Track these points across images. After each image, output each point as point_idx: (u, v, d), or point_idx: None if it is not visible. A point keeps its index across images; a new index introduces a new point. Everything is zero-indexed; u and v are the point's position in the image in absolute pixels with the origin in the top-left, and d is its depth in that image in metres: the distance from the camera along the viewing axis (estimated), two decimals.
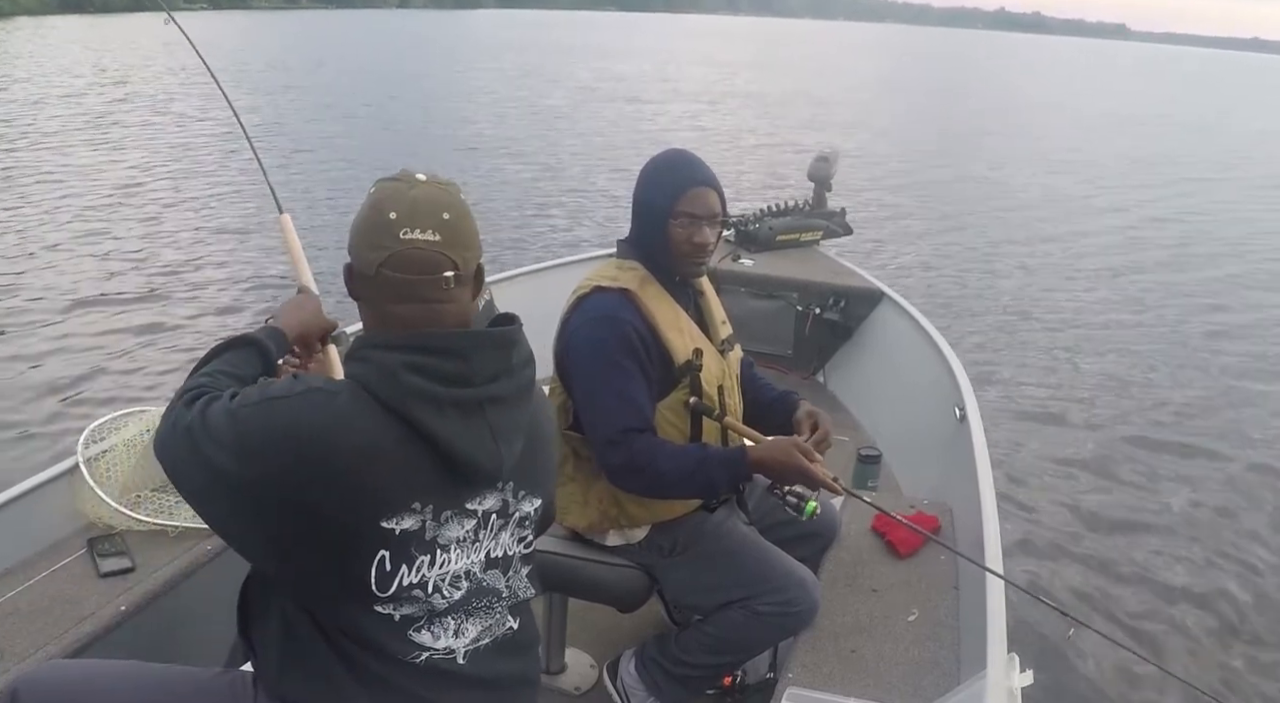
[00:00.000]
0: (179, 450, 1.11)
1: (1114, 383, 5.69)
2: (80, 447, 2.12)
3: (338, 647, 1.13)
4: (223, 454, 1.06)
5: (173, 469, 1.12)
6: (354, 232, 1.16)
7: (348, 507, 1.07)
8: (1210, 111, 27.40)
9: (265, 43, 33.59)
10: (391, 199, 1.13)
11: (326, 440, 1.06)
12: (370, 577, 1.10)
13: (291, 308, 1.46)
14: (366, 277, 1.14)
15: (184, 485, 1.12)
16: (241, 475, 1.06)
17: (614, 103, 19.59)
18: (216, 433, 1.08)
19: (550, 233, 8.53)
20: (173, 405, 1.16)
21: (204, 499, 1.11)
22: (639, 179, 1.85)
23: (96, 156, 11.08)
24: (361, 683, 1.13)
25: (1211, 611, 3.43)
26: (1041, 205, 11.32)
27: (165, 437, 1.13)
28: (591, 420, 1.78)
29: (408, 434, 1.09)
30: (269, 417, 1.08)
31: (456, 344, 1.12)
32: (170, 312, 6.01)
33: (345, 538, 1.09)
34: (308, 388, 1.10)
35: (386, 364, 1.09)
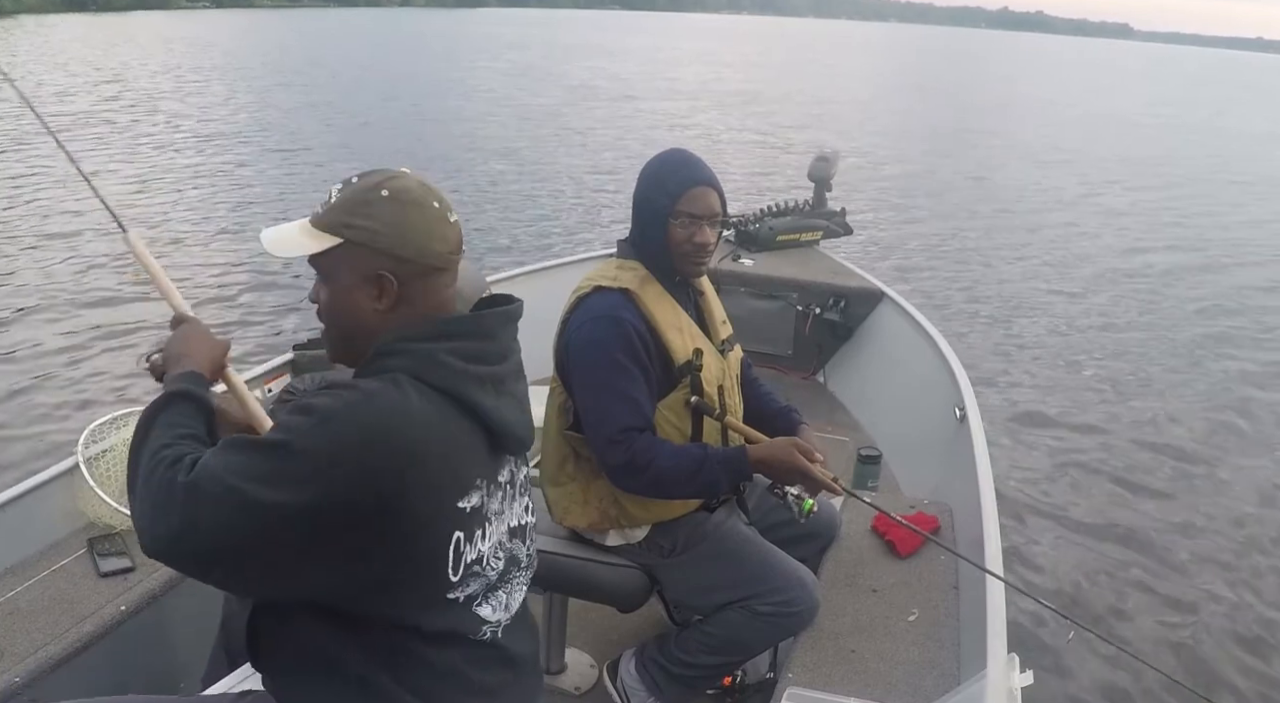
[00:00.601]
0: (217, 515, 1.00)
1: (1114, 383, 5.69)
2: (80, 447, 2.12)
3: (384, 663, 1.12)
4: (291, 490, 1.00)
5: (205, 540, 1.01)
6: (404, 230, 1.12)
7: (433, 495, 1.09)
8: (1211, 112, 27.35)
9: (265, 42, 33.56)
10: (419, 189, 1.16)
11: (407, 434, 1.06)
12: (448, 560, 1.12)
13: (184, 341, 1.30)
14: (432, 269, 1.15)
15: (227, 549, 1.02)
16: (322, 502, 1.01)
17: (613, 102, 19.58)
18: (277, 472, 1.01)
19: (549, 232, 8.52)
20: (159, 485, 1.04)
21: (256, 553, 1.02)
22: (639, 179, 1.85)
23: (104, 152, 11.08)
24: (405, 688, 1.13)
25: (1212, 611, 3.43)
26: (1042, 206, 11.32)
27: (184, 511, 1.01)
28: (592, 420, 1.78)
29: (461, 414, 1.12)
30: (341, 430, 1.03)
31: (484, 325, 1.18)
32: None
33: (429, 527, 1.10)
34: (359, 392, 1.07)
35: (430, 353, 1.11)
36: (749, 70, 32.24)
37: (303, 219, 1.19)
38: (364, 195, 1.14)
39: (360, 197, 1.14)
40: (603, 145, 13.76)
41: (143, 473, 1.09)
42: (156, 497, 1.04)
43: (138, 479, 1.09)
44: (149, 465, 1.08)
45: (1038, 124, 20.79)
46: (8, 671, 1.64)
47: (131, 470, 1.12)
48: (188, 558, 1.05)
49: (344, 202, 1.15)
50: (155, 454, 1.09)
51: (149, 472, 1.08)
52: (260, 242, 1.18)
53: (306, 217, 1.19)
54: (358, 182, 1.16)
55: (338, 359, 1.24)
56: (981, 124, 20.10)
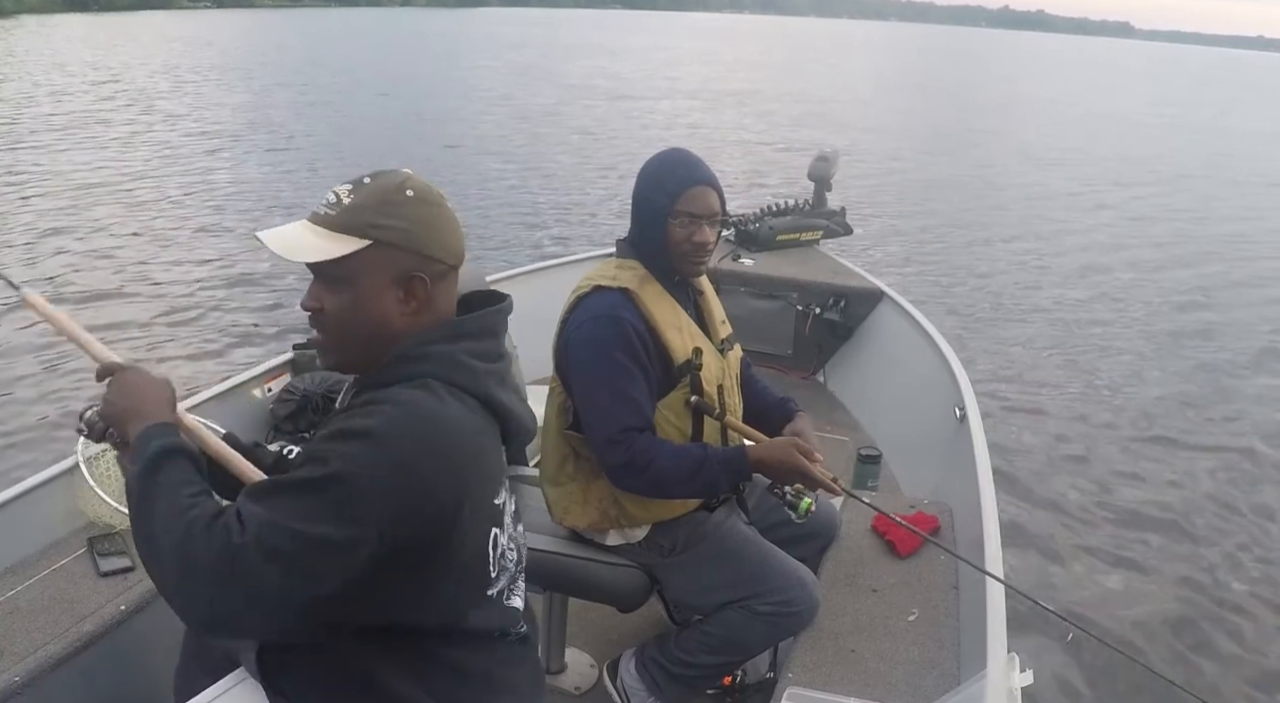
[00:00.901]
0: (292, 569, 0.96)
1: (1115, 382, 5.69)
2: (80, 447, 2.12)
3: (414, 673, 1.13)
4: (364, 522, 0.97)
5: (279, 600, 0.97)
6: (431, 230, 1.12)
7: (481, 496, 1.11)
8: (1214, 112, 27.32)
9: (265, 41, 33.54)
10: (433, 189, 1.16)
11: (457, 441, 1.06)
12: (489, 557, 1.14)
13: (129, 392, 1.17)
14: (453, 269, 1.15)
15: (304, 602, 0.97)
16: (397, 525, 0.99)
17: (612, 101, 19.57)
18: (344, 506, 0.97)
19: (548, 232, 8.52)
20: (205, 552, 0.96)
21: (334, 596, 0.99)
22: (638, 178, 1.85)
23: (94, 155, 11.08)
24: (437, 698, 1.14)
25: (1211, 612, 3.42)
26: (1043, 205, 11.31)
27: (249, 574, 0.95)
28: (591, 420, 1.78)
29: (484, 413, 1.13)
30: (397, 449, 1.00)
31: (489, 323, 1.19)
32: (169, 311, 6.00)
33: (477, 528, 1.11)
34: (400, 406, 1.04)
35: (452, 355, 1.12)
36: (749, 69, 32.21)
37: (302, 221, 1.13)
38: (389, 195, 1.11)
39: (386, 197, 1.11)
40: (602, 145, 13.76)
41: (173, 542, 0.99)
42: (204, 565, 0.96)
43: (161, 548, 1.00)
44: (179, 535, 0.99)
45: (1038, 123, 20.77)
46: (8, 670, 1.63)
47: (149, 545, 1.02)
48: (257, 625, 1.00)
49: (367, 202, 1.11)
50: (180, 519, 1.00)
51: (182, 541, 0.98)
52: (264, 244, 1.11)
53: (303, 218, 1.14)
54: (373, 182, 1.12)
55: (344, 368, 1.19)
56: (981, 124, 20.09)
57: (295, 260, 1.10)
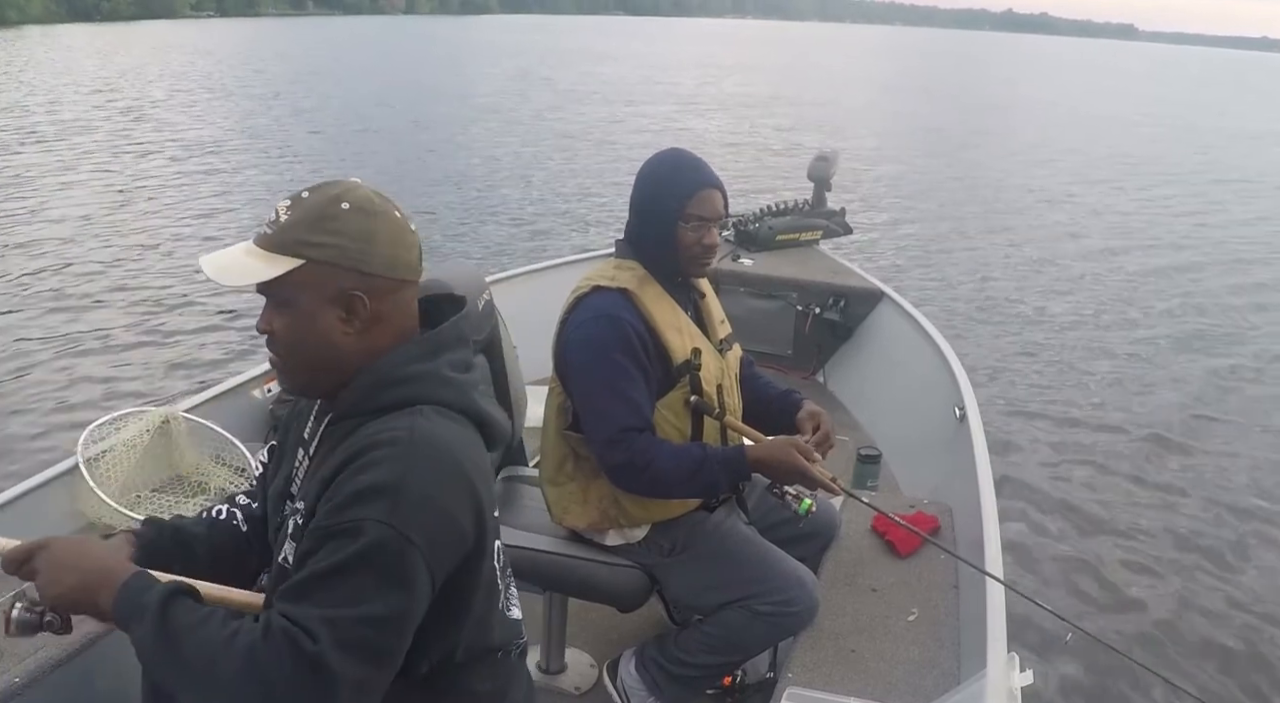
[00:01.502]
0: (367, 659, 0.94)
1: (1115, 382, 5.69)
2: (80, 447, 2.12)
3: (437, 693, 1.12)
4: (417, 583, 0.97)
5: (359, 690, 0.94)
6: (373, 244, 1.05)
7: (488, 512, 1.10)
8: (1218, 114, 27.31)
9: (264, 50, 33.59)
10: (378, 199, 1.09)
11: (463, 467, 1.05)
12: (496, 568, 1.14)
13: (73, 560, 1.05)
14: (403, 283, 1.08)
15: (381, 680, 0.97)
16: (446, 570, 1.01)
17: (612, 106, 19.60)
18: (393, 573, 0.95)
19: (548, 233, 8.52)
20: (268, 674, 0.92)
21: (399, 659, 0.99)
22: (641, 180, 1.85)
23: (101, 157, 11.10)
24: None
25: (1211, 612, 3.42)
26: (1043, 206, 11.32)
27: (329, 681, 0.91)
28: (591, 420, 1.78)
29: (471, 427, 1.11)
30: (419, 498, 0.98)
31: (460, 332, 1.15)
32: (169, 311, 6.01)
33: (489, 543, 1.11)
34: (400, 447, 1.00)
35: (436, 373, 1.08)
36: (751, 73, 32.24)
37: (245, 242, 1.08)
38: (324, 210, 1.05)
39: (320, 211, 1.05)
40: (602, 146, 13.78)
41: (236, 675, 0.93)
42: (286, 686, 0.92)
43: (229, 688, 0.94)
44: (240, 664, 0.93)
45: (1040, 126, 20.78)
46: (8, 671, 1.63)
47: (206, 690, 0.95)
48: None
49: (302, 219, 1.05)
50: (230, 650, 0.94)
51: (247, 669, 0.93)
52: (202, 269, 1.06)
53: (249, 239, 1.09)
54: (310, 196, 1.06)
55: (299, 391, 1.15)
56: (983, 125, 20.10)
57: (225, 284, 1.05)
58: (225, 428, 2.37)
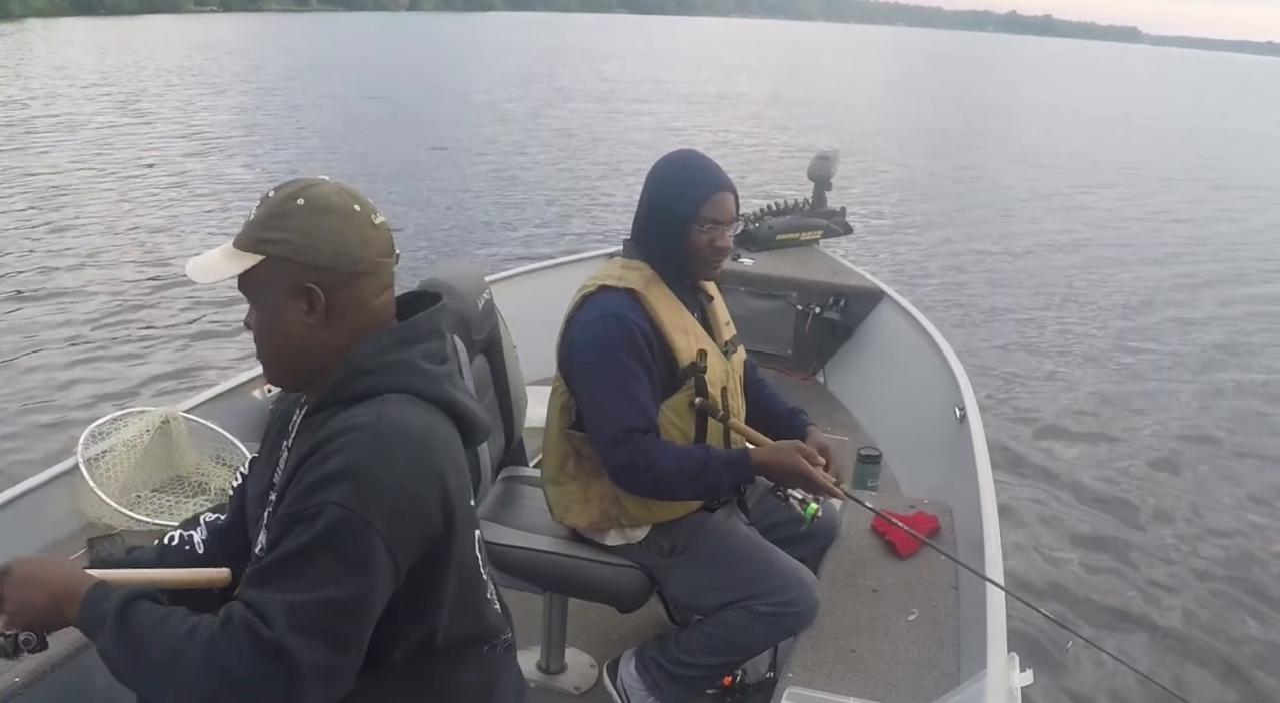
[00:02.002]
0: (330, 641, 0.95)
1: (1115, 383, 5.69)
2: (80, 446, 2.12)
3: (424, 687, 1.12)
4: (379, 565, 0.97)
5: (323, 673, 0.95)
6: (323, 238, 1.07)
7: (463, 500, 1.10)
8: (1223, 118, 27.26)
9: (266, 46, 33.58)
10: (338, 195, 1.10)
11: (432, 452, 1.06)
12: (477, 559, 1.14)
13: (33, 579, 1.06)
14: (358, 275, 1.09)
15: (346, 664, 0.97)
16: (409, 552, 1.01)
17: (614, 104, 19.59)
18: (353, 556, 0.96)
19: (548, 233, 8.52)
20: (230, 664, 0.94)
21: (364, 644, 0.99)
22: (653, 182, 1.84)
23: (100, 153, 11.10)
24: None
25: (1210, 615, 3.41)
26: (1042, 206, 11.31)
27: (291, 665, 0.92)
28: (595, 420, 1.78)
29: (445, 417, 1.12)
30: (382, 480, 0.99)
31: (435, 324, 1.16)
32: (170, 311, 6.01)
33: (466, 533, 1.11)
34: (366, 431, 1.02)
35: (408, 362, 1.10)
36: (754, 74, 32.23)
37: (222, 246, 1.12)
38: (279, 208, 1.09)
39: (276, 209, 1.09)
40: (604, 146, 13.78)
41: (196, 668, 0.95)
42: (245, 673, 0.93)
43: (190, 681, 0.95)
44: (200, 657, 0.95)
45: (1042, 127, 20.78)
46: (8, 671, 1.63)
47: (168, 685, 0.97)
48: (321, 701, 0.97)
49: (261, 217, 1.09)
50: (189, 643, 0.96)
51: (206, 661, 0.94)
52: (187, 275, 1.11)
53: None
54: (274, 194, 1.11)
55: (279, 384, 1.19)
56: (984, 126, 20.10)
57: (201, 283, 1.10)
58: (225, 428, 2.37)
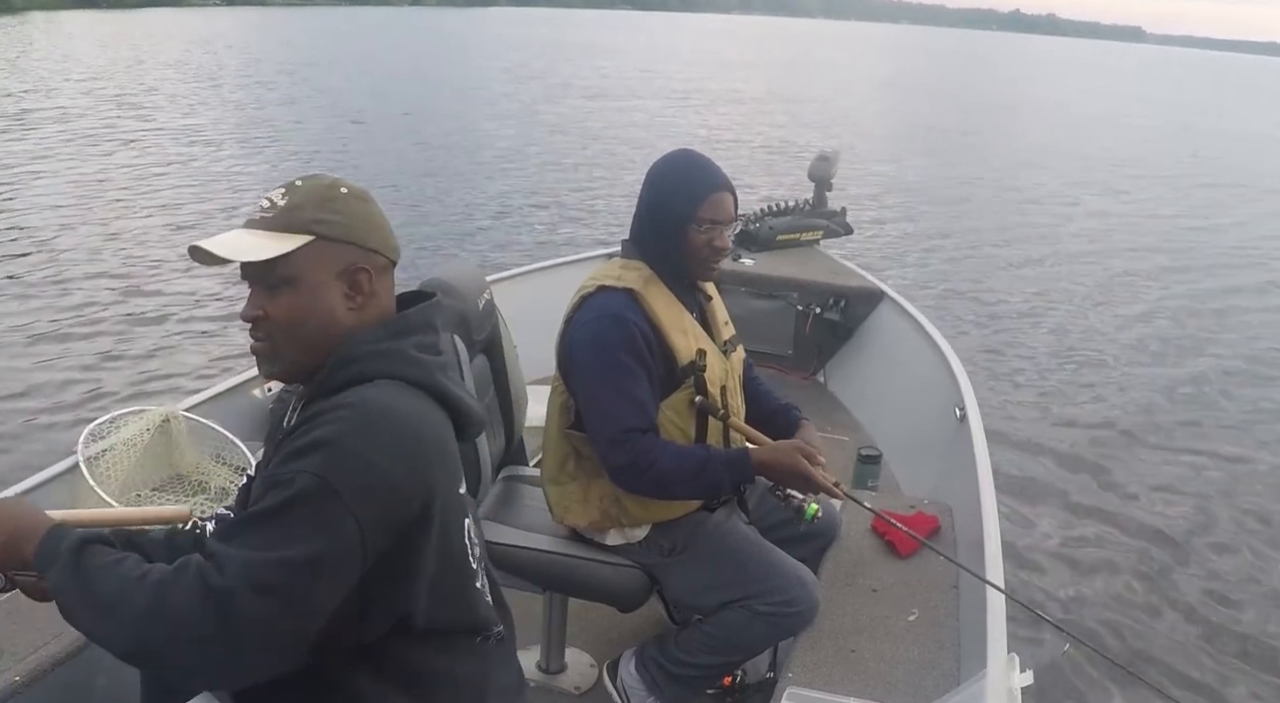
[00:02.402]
0: (284, 601, 0.94)
1: (1116, 382, 5.68)
2: (80, 446, 2.12)
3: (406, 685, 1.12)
4: (342, 532, 0.96)
5: (275, 635, 0.95)
6: (369, 224, 1.14)
7: (450, 486, 1.11)
8: (1230, 117, 27.23)
9: (266, 40, 33.53)
10: (363, 189, 1.17)
11: (418, 434, 1.06)
12: (467, 548, 1.14)
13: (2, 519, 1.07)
14: (392, 266, 1.17)
15: (300, 629, 0.96)
16: (375, 527, 0.99)
17: (615, 101, 19.57)
18: (319, 520, 0.96)
19: (549, 232, 8.52)
20: (177, 608, 0.93)
21: (324, 615, 0.97)
22: (651, 181, 1.84)
23: (96, 155, 11.09)
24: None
25: (1209, 615, 3.41)
26: (1042, 206, 11.31)
27: (237, 618, 0.92)
28: (595, 420, 1.78)
29: (436, 406, 1.13)
30: (360, 452, 0.99)
31: (428, 318, 1.18)
32: (170, 311, 6.01)
33: (453, 519, 1.12)
34: (352, 409, 1.02)
35: (400, 351, 1.12)
36: (754, 70, 32.20)
37: (239, 229, 1.12)
38: (326, 193, 1.12)
39: (323, 194, 1.12)
40: (605, 144, 13.76)
41: (143, 612, 0.94)
42: (190, 619, 0.93)
43: (135, 625, 0.95)
44: (147, 600, 0.94)
45: (1044, 127, 20.78)
46: (8, 670, 1.63)
47: (110, 627, 0.97)
48: (264, 666, 0.97)
49: (306, 200, 1.11)
50: (140, 586, 0.96)
51: (154, 604, 0.94)
52: (209, 251, 1.09)
53: (239, 227, 1.12)
54: (305, 183, 1.14)
55: (285, 376, 1.17)
56: (986, 126, 20.09)
57: (239, 260, 1.09)
58: (225, 427, 2.37)
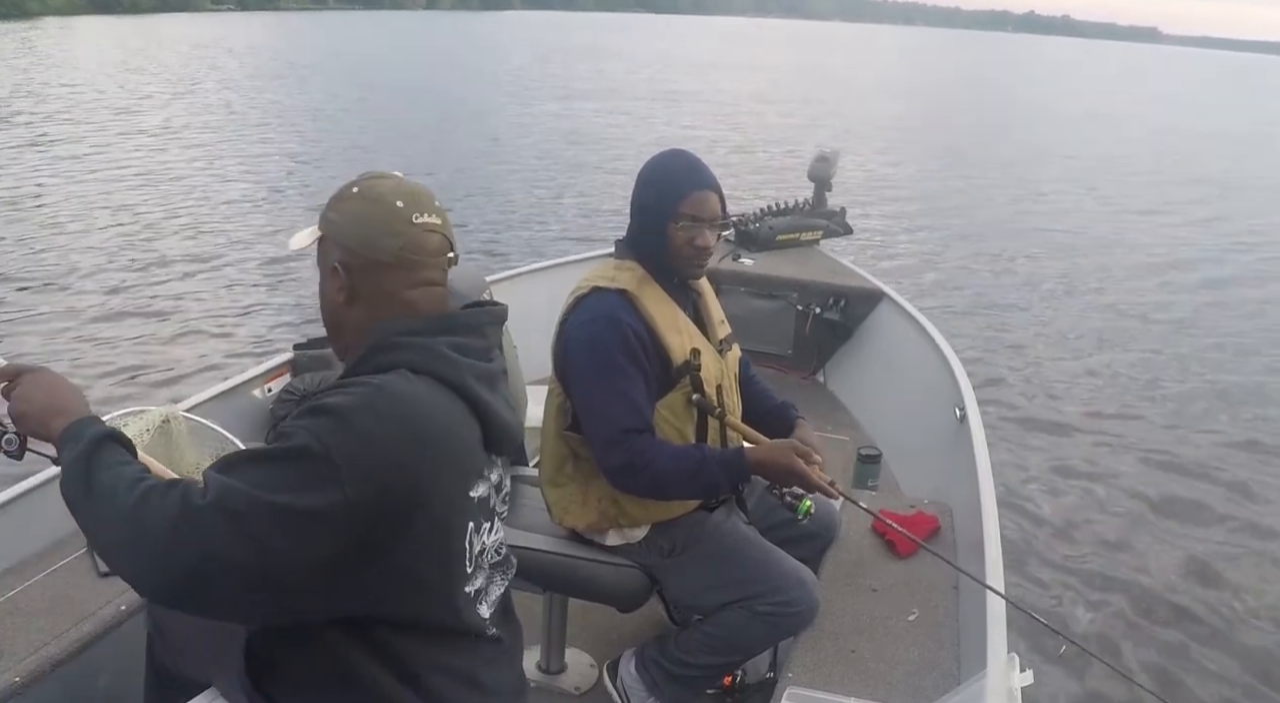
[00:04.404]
0: (248, 533, 0.96)
1: (1115, 383, 5.68)
2: None
3: (397, 661, 1.12)
4: (325, 493, 0.98)
5: (234, 566, 0.96)
6: (356, 224, 1.17)
7: (452, 483, 1.11)
8: (1224, 116, 27.20)
9: (278, 44, 33.50)
10: (390, 190, 1.18)
11: (425, 423, 1.08)
12: (465, 553, 1.14)
13: (48, 390, 1.18)
14: (381, 264, 1.16)
15: (260, 570, 0.97)
16: (358, 499, 1.00)
17: (619, 103, 19.57)
18: (307, 477, 0.98)
19: (549, 232, 8.53)
20: (159, 516, 0.97)
21: (292, 569, 0.98)
22: (638, 180, 1.85)
23: (98, 154, 11.09)
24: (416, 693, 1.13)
25: (1209, 617, 3.41)
26: (1043, 206, 11.31)
27: (204, 537, 0.96)
28: (590, 421, 1.78)
29: (463, 407, 1.14)
30: (363, 425, 1.02)
31: (477, 321, 1.21)
32: (170, 311, 6.01)
33: (451, 517, 1.12)
34: (370, 386, 1.07)
35: (432, 347, 1.14)
36: (763, 73, 32.19)
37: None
38: (340, 193, 1.21)
39: (337, 194, 1.21)
40: (607, 144, 13.77)
41: (124, 507, 0.99)
42: (160, 526, 0.97)
43: (110, 515, 1.01)
44: (133, 501, 0.99)
45: (1046, 128, 20.77)
46: (8, 671, 1.63)
47: (92, 508, 1.03)
48: (205, 591, 0.98)
49: (330, 199, 1.22)
50: (134, 489, 1.01)
51: (137, 506, 0.99)
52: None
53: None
54: (352, 181, 1.22)
55: (336, 354, 1.27)
56: (987, 126, 20.09)
57: (291, 249, 1.23)
58: (225, 428, 2.37)
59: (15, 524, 1.96)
